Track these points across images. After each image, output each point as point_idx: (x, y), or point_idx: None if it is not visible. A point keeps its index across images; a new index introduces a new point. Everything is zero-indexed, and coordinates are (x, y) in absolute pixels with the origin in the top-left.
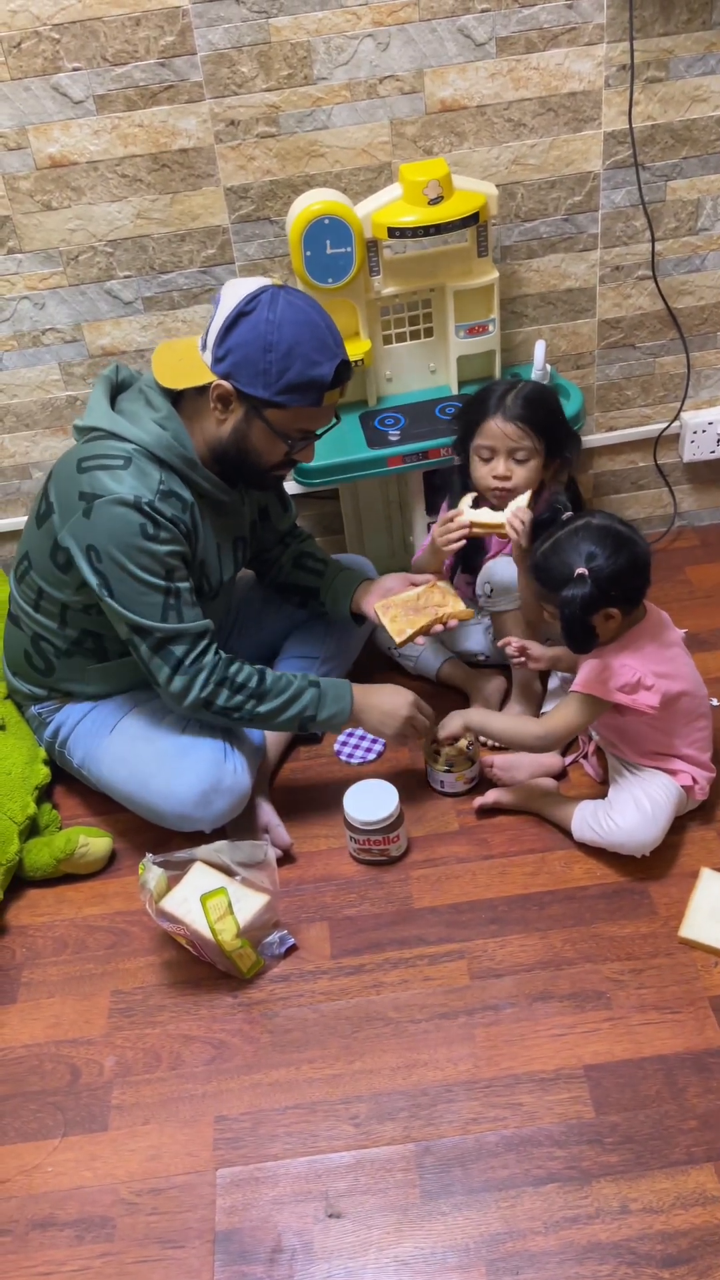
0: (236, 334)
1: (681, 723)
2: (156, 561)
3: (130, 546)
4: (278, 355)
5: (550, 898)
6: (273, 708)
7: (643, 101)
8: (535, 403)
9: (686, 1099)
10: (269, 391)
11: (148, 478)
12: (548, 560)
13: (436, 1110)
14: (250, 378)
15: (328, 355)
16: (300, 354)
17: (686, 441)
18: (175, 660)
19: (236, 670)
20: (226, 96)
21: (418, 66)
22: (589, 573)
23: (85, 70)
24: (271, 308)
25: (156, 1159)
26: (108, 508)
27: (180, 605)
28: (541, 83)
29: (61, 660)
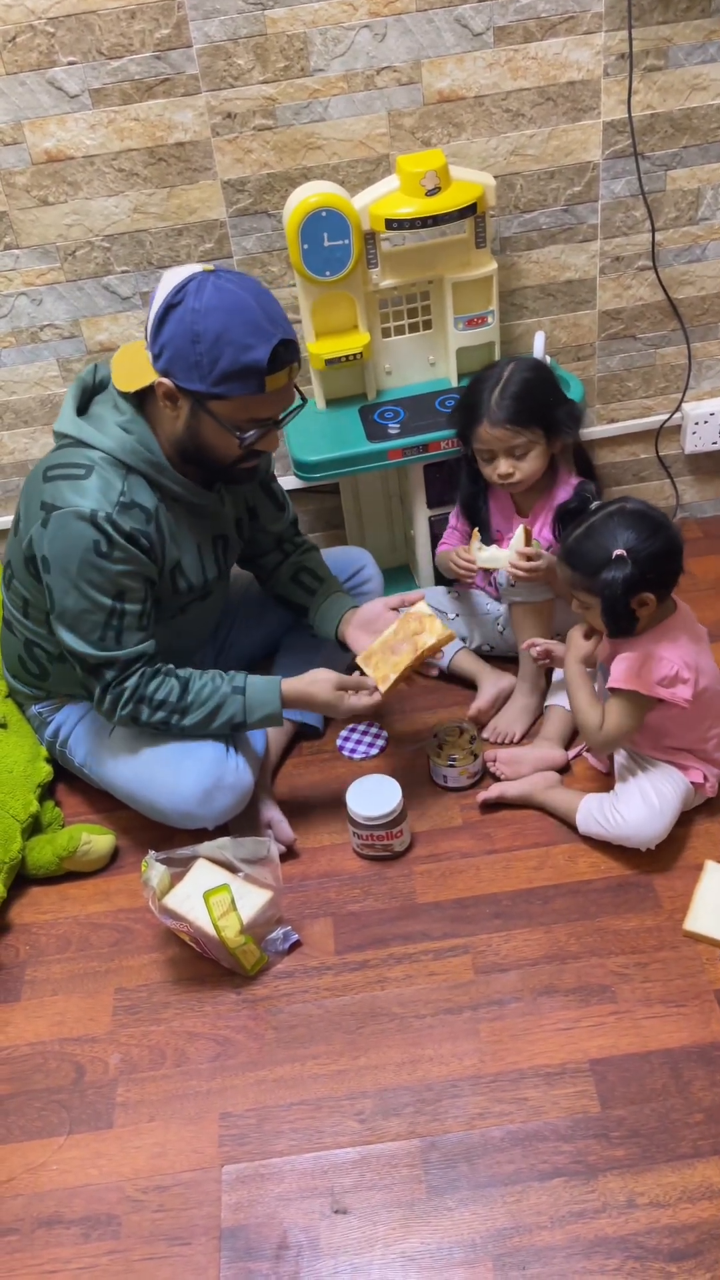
0: (166, 328)
1: (704, 718)
2: (107, 580)
3: (82, 561)
4: (206, 345)
5: (554, 892)
6: (198, 719)
7: (642, 90)
8: (521, 397)
9: (692, 1092)
10: (205, 384)
11: (109, 488)
12: (581, 545)
13: (442, 1106)
14: (185, 372)
15: (261, 337)
16: (230, 340)
17: (688, 433)
18: (105, 682)
19: (156, 686)
20: (223, 89)
21: (415, 57)
22: (628, 554)
23: (80, 64)
24: (198, 295)
25: (162, 1156)
26: (63, 520)
27: (121, 628)
28: (540, 72)
29: (55, 665)
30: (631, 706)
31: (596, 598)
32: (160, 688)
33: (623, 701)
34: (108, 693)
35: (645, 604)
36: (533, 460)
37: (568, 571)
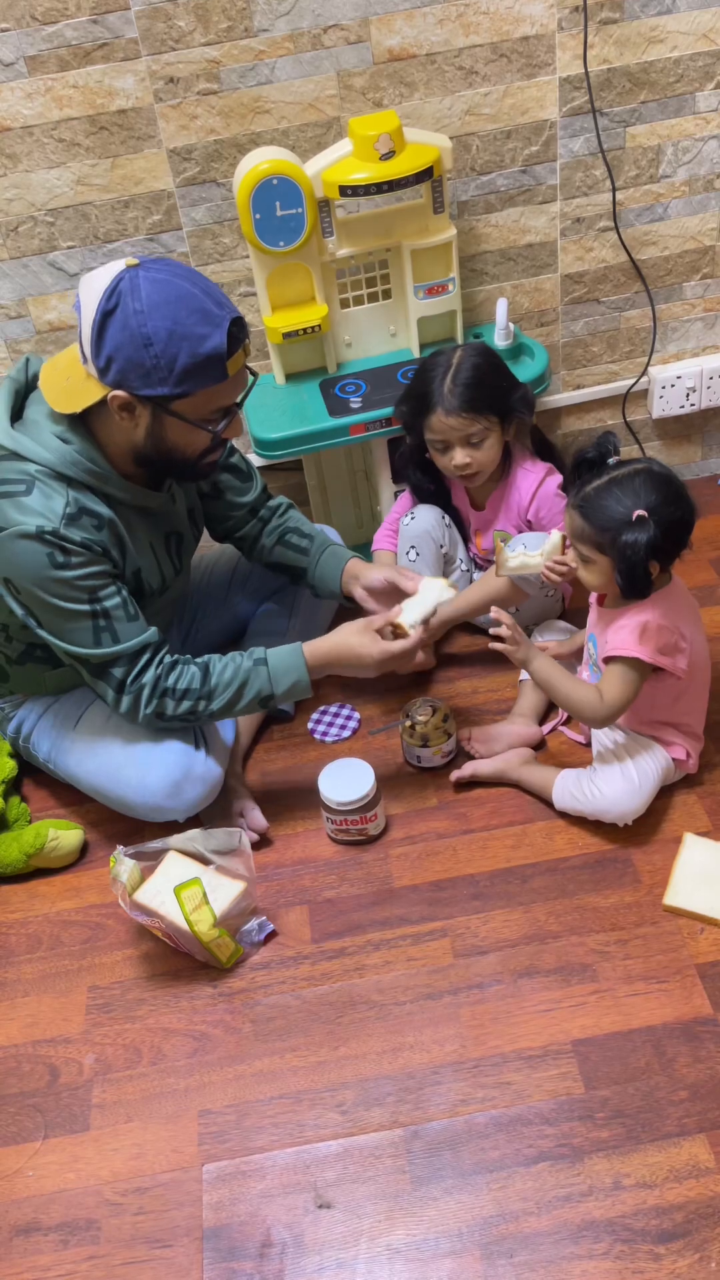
0: (109, 337)
1: (691, 689)
2: (73, 588)
3: (43, 579)
4: (160, 346)
5: (532, 870)
6: (226, 701)
7: (597, 44)
8: (473, 384)
9: (676, 1069)
10: (167, 387)
11: (52, 501)
12: (602, 498)
13: (424, 1093)
14: (141, 379)
15: (213, 323)
16: (182, 334)
17: (655, 397)
18: (116, 682)
19: (178, 677)
20: (164, 53)
21: (363, 14)
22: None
23: (14, 30)
24: (134, 295)
25: (140, 1157)
26: (11, 542)
27: (112, 625)
28: (492, 28)
29: (14, 669)
30: (633, 674)
31: (601, 553)
32: (181, 677)
33: (624, 669)
34: (124, 693)
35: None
36: (489, 448)
37: (578, 521)
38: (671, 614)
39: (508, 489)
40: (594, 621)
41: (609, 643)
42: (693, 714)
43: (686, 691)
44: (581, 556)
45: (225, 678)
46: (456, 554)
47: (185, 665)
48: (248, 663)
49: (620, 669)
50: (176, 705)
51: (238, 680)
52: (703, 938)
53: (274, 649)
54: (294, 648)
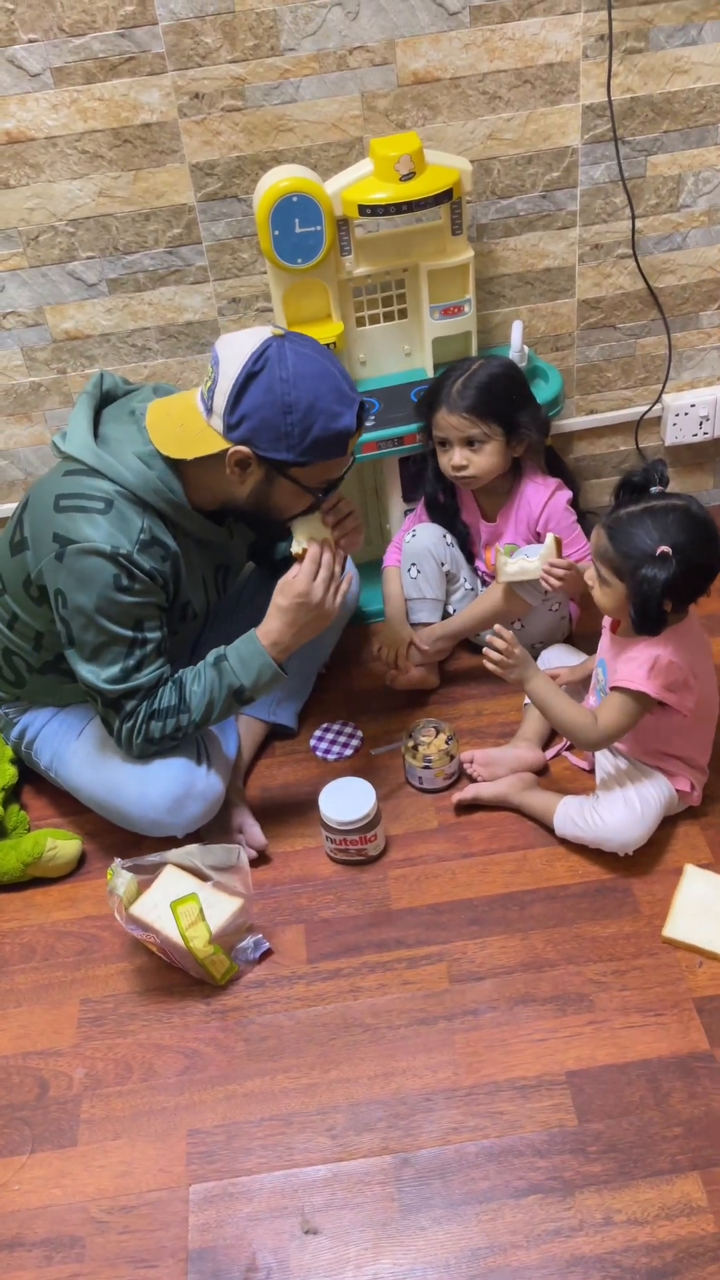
0: (250, 398)
1: (700, 725)
2: (126, 614)
3: (101, 597)
4: (298, 416)
5: (531, 897)
6: (203, 709)
7: (622, 73)
8: (484, 389)
9: (671, 1105)
10: (293, 453)
11: (128, 525)
12: (632, 524)
13: (415, 1120)
14: (271, 442)
15: (347, 404)
16: (321, 409)
17: (668, 424)
18: (126, 713)
19: (159, 698)
20: (190, 69)
21: (389, 37)
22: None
23: (42, 41)
24: (282, 364)
25: (128, 1175)
26: (81, 557)
27: (143, 656)
28: (517, 53)
29: (33, 676)
30: (634, 706)
31: (619, 579)
32: (161, 697)
33: (626, 700)
34: (125, 721)
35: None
36: (488, 456)
37: (604, 542)
38: (684, 651)
39: (518, 502)
40: (605, 647)
41: (618, 672)
42: (698, 748)
43: (693, 726)
44: (600, 577)
45: (196, 688)
46: (459, 573)
47: (164, 687)
48: (209, 663)
49: (621, 699)
50: (162, 726)
51: (205, 683)
52: (701, 971)
53: (232, 644)
54: (249, 635)
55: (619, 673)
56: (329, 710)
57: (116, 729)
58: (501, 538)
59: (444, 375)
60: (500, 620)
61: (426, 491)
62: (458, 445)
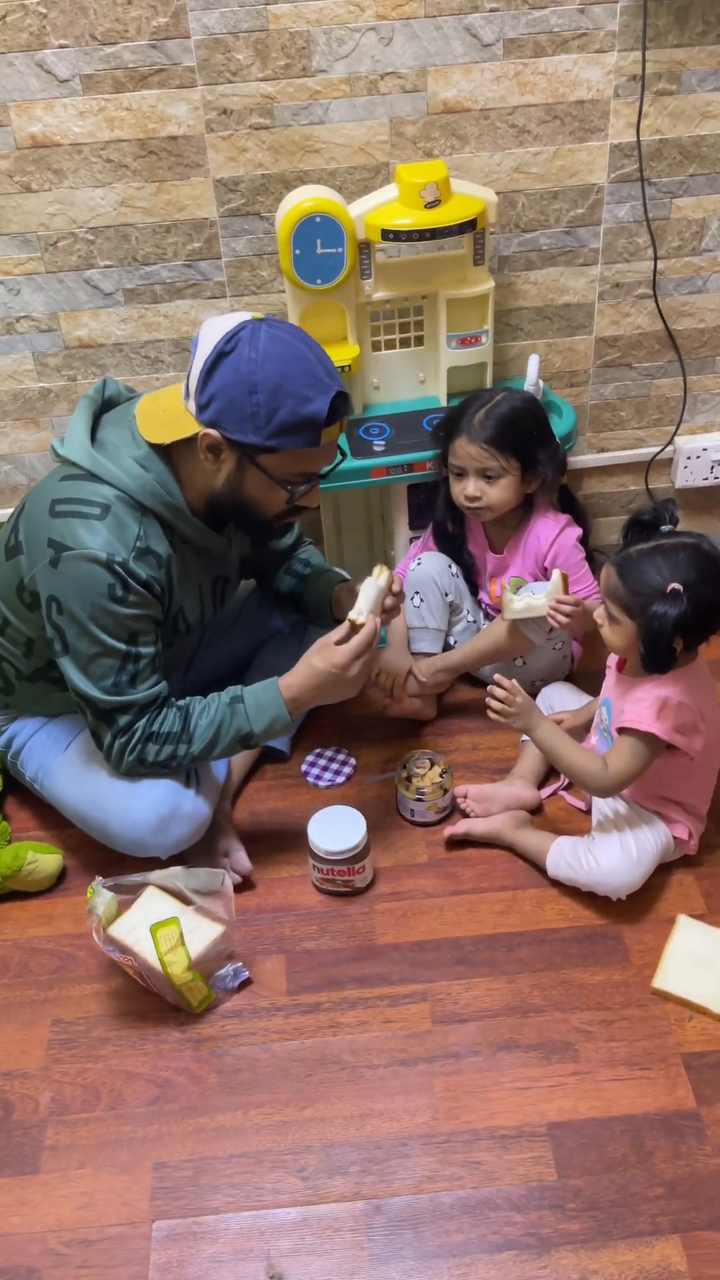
0: (218, 377)
1: (702, 770)
2: (120, 625)
3: (95, 606)
4: (265, 395)
5: (520, 939)
6: (205, 744)
7: (652, 114)
8: (505, 422)
9: (654, 1164)
10: (260, 436)
11: (125, 531)
12: (642, 562)
13: (390, 1165)
14: (238, 423)
15: (320, 389)
16: (289, 391)
17: (679, 467)
18: (118, 728)
19: (161, 721)
20: (220, 84)
21: (421, 64)
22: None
23: (72, 48)
24: (253, 344)
25: (89, 1207)
26: (76, 563)
27: (136, 671)
28: (548, 89)
29: (23, 684)
30: (645, 749)
31: (629, 617)
32: (164, 721)
33: (636, 742)
34: (118, 736)
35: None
36: (502, 489)
37: (614, 579)
38: (693, 693)
39: (527, 535)
40: (610, 687)
41: (626, 713)
42: (700, 795)
43: (697, 772)
44: (609, 615)
45: (203, 721)
46: (463, 604)
47: (168, 709)
48: (224, 701)
49: (632, 742)
50: (158, 750)
51: (216, 719)
52: (690, 1026)
53: (251, 686)
54: (270, 683)
55: (627, 713)
56: (322, 736)
57: (107, 744)
58: (508, 571)
59: (465, 404)
60: (503, 656)
61: (435, 518)
62: (473, 475)
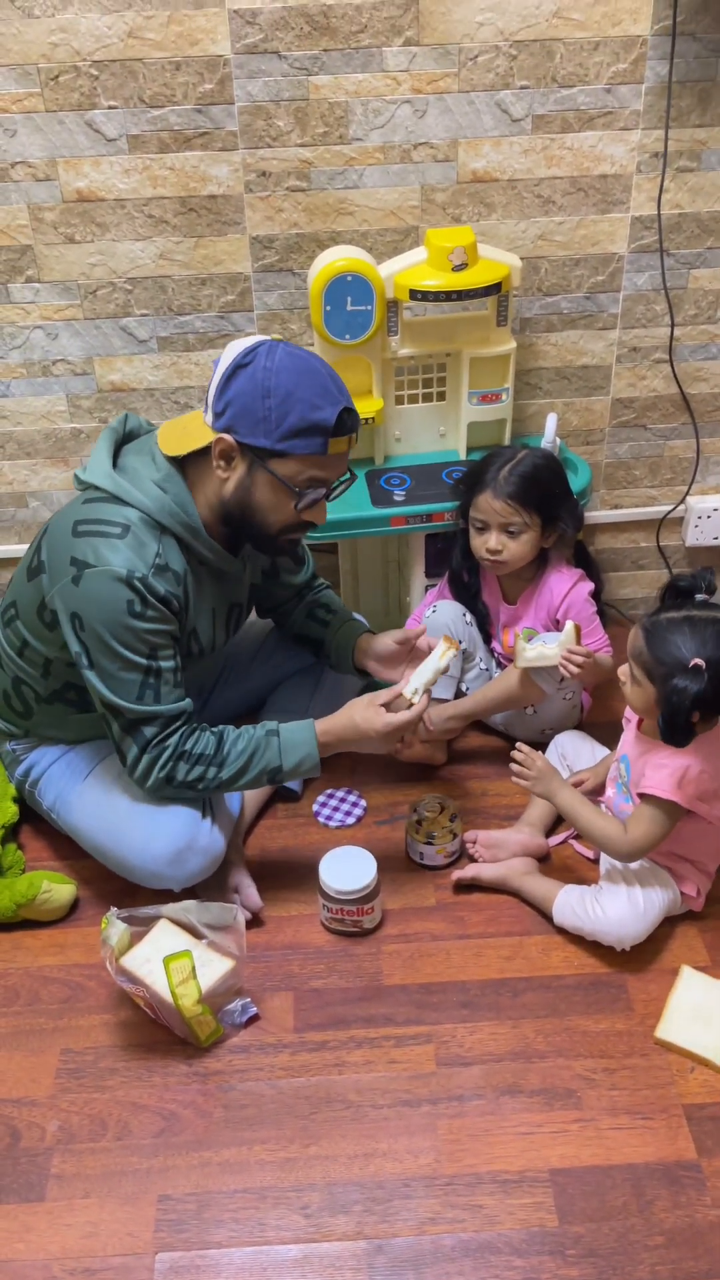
0: (234, 386)
1: (713, 830)
2: (140, 640)
3: (116, 623)
4: (277, 400)
5: (525, 985)
6: (235, 771)
7: (672, 189)
8: (529, 479)
9: (654, 1213)
10: (270, 439)
11: (144, 549)
12: (670, 629)
13: (393, 1206)
14: (250, 426)
15: (329, 400)
16: (300, 398)
17: (690, 525)
18: (145, 741)
19: (195, 742)
20: (260, 148)
21: (453, 136)
22: (706, 666)
23: (121, 109)
24: (269, 357)
25: (93, 1236)
26: (98, 579)
27: (159, 685)
28: (574, 163)
29: (41, 706)
30: (665, 817)
31: (650, 681)
32: (198, 742)
33: (656, 810)
34: (146, 752)
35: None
36: (523, 544)
37: (640, 643)
38: (712, 759)
39: (540, 588)
40: (629, 742)
41: (646, 779)
42: (711, 854)
43: (711, 833)
44: (632, 676)
45: (238, 747)
46: (476, 652)
47: (202, 731)
48: (260, 733)
49: (652, 810)
50: (189, 770)
51: (250, 748)
52: (693, 1077)
53: (287, 723)
54: (306, 723)
55: (648, 779)
56: (334, 777)
57: (134, 758)
58: (520, 621)
59: (487, 460)
60: (514, 705)
61: (452, 568)
62: (496, 530)
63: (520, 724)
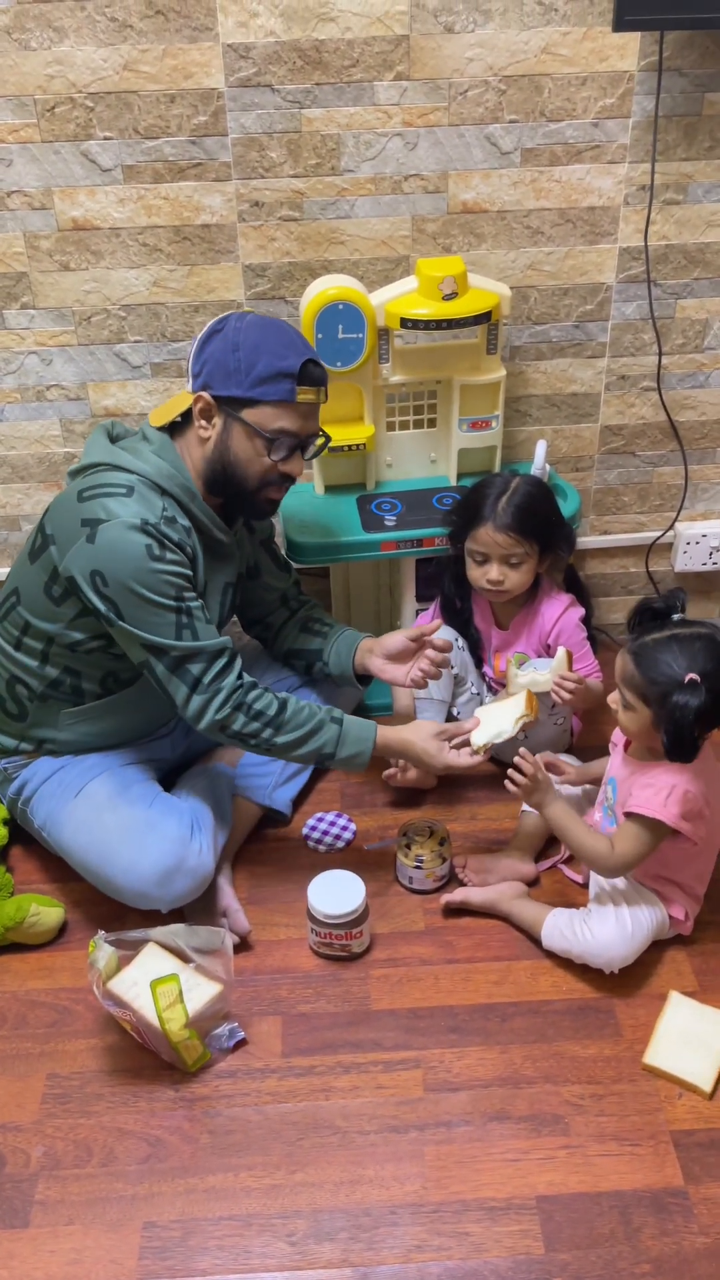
0: (208, 349)
1: (703, 854)
2: (165, 582)
3: (139, 569)
4: (245, 352)
5: (513, 1009)
6: (290, 739)
7: (659, 221)
8: (526, 510)
9: (641, 1240)
10: (241, 388)
11: (151, 504)
12: (659, 651)
13: (379, 1234)
14: (223, 380)
15: (295, 351)
16: (267, 349)
17: (679, 551)
18: (193, 679)
19: (256, 697)
20: (253, 179)
21: (443, 168)
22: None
23: (116, 140)
24: (240, 320)
25: (77, 1264)
26: (113, 531)
27: (194, 623)
28: (562, 195)
29: (35, 704)
30: (650, 834)
31: (645, 704)
32: (260, 699)
33: (642, 828)
34: (198, 692)
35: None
36: (524, 573)
37: (630, 667)
38: (700, 780)
39: (533, 613)
40: (616, 766)
41: (635, 798)
42: (699, 877)
43: (699, 856)
44: (624, 701)
45: (300, 717)
46: (467, 676)
47: (266, 692)
48: (324, 714)
49: (638, 827)
50: (246, 724)
51: (310, 724)
52: (680, 1103)
53: (351, 717)
54: (370, 723)
55: (635, 798)
56: (323, 800)
57: (184, 698)
58: (512, 646)
59: (481, 491)
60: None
61: (445, 593)
62: (497, 561)
63: (510, 748)
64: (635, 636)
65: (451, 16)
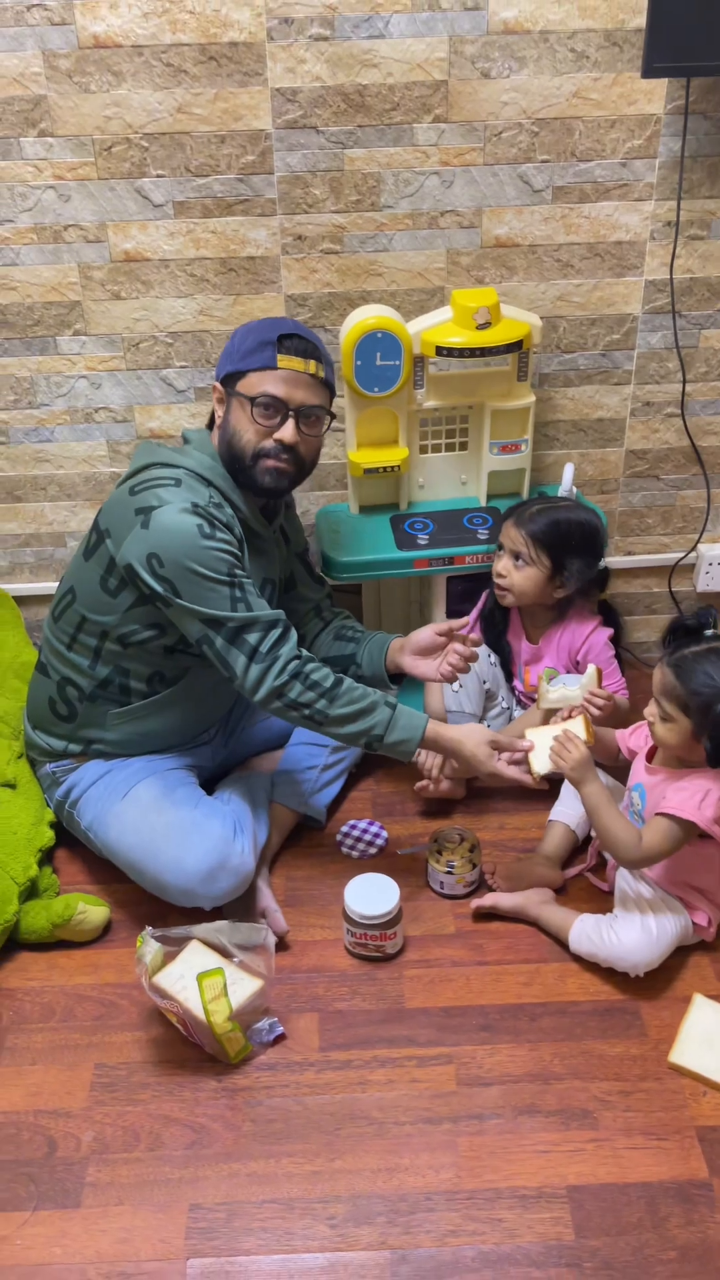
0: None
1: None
2: (217, 559)
3: (193, 547)
4: (239, 337)
5: (542, 1010)
6: (343, 714)
7: (684, 256)
8: (552, 523)
9: (668, 1229)
10: (232, 363)
11: (198, 492)
12: (700, 663)
13: (415, 1218)
14: (223, 363)
15: (281, 328)
16: (256, 329)
17: (701, 572)
18: (250, 648)
19: (314, 668)
20: (297, 214)
21: (478, 205)
22: None
23: (168, 178)
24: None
25: (127, 1242)
26: (166, 514)
27: (247, 596)
28: (591, 230)
29: (85, 705)
30: (679, 833)
31: (684, 715)
32: (316, 671)
33: (672, 825)
34: (256, 661)
35: None
36: (525, 578)
37: (671, 679)
38: None
39: (563, 630)
40: (641, 773)
41: (669, 800)
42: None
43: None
44: (662, 713)
45: (355, 694)
46: (499, 692)
47: (323, 666)
48: (378, 696)
49: (668, 824)
50: (302, 692)
51: (365, 702)
52: (705, 1100)
53: (404, 705)
54: (422, 714)
55: (670, 800)
56: (356, 809)
57: (242, 668)
58: (542, 660)
59: (534, 498)
60: None
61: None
62: (507, 555)
63: None
64: (671, 651)
65: (488, 63)
